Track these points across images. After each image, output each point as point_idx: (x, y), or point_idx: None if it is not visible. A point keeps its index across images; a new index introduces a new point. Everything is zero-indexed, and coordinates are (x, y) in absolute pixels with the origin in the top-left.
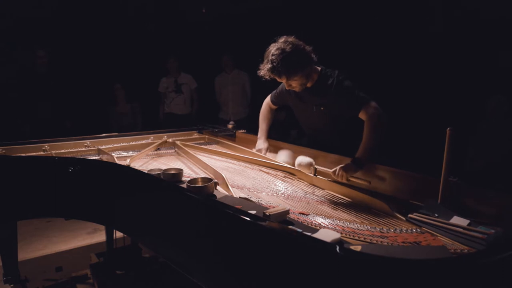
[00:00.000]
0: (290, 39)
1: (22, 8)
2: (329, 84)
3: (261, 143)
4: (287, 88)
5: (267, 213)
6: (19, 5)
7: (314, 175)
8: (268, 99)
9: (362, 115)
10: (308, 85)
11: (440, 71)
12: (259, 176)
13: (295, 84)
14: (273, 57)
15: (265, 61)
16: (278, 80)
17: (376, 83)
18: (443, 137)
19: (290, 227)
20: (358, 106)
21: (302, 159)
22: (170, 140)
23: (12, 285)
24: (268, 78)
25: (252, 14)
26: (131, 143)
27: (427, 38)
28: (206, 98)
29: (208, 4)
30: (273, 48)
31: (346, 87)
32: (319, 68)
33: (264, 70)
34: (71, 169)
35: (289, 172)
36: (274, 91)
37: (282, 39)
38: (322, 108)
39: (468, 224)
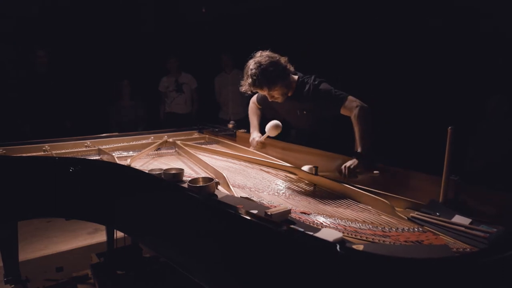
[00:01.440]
0: (265, 52)
1: (22, 8)
2: (306, 91)
3: (254, 135)
4: (270, 100)
5: (269, 213)
6: (19, 5)
7: (315, 174)
8: (254, 99)
9: (344, 112)
10: (289, 94)
11: (440, 70)
12: (260, 176)
13: (277, 95)
14: (252, 71)
15: (245, 77)
16: (260, 92)
17: (377, 83)
18: (444, 136)
19: (292, 226)
20: (337, 104)
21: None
22: (170, 140)
23: (13, 286)
24: (251, 93)
25: (252, 14)
26: (131, 143)
27: (428, 37)
28: (206, 98)
29: (208, 4)
30: (250, 64)
31: (322, 90)
32: (296, 77)
33: (245, 85)
34: (71, 169)
35: (290, 172)
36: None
37: (258, 54)
38: (305, 112)
39: (470, 223)
